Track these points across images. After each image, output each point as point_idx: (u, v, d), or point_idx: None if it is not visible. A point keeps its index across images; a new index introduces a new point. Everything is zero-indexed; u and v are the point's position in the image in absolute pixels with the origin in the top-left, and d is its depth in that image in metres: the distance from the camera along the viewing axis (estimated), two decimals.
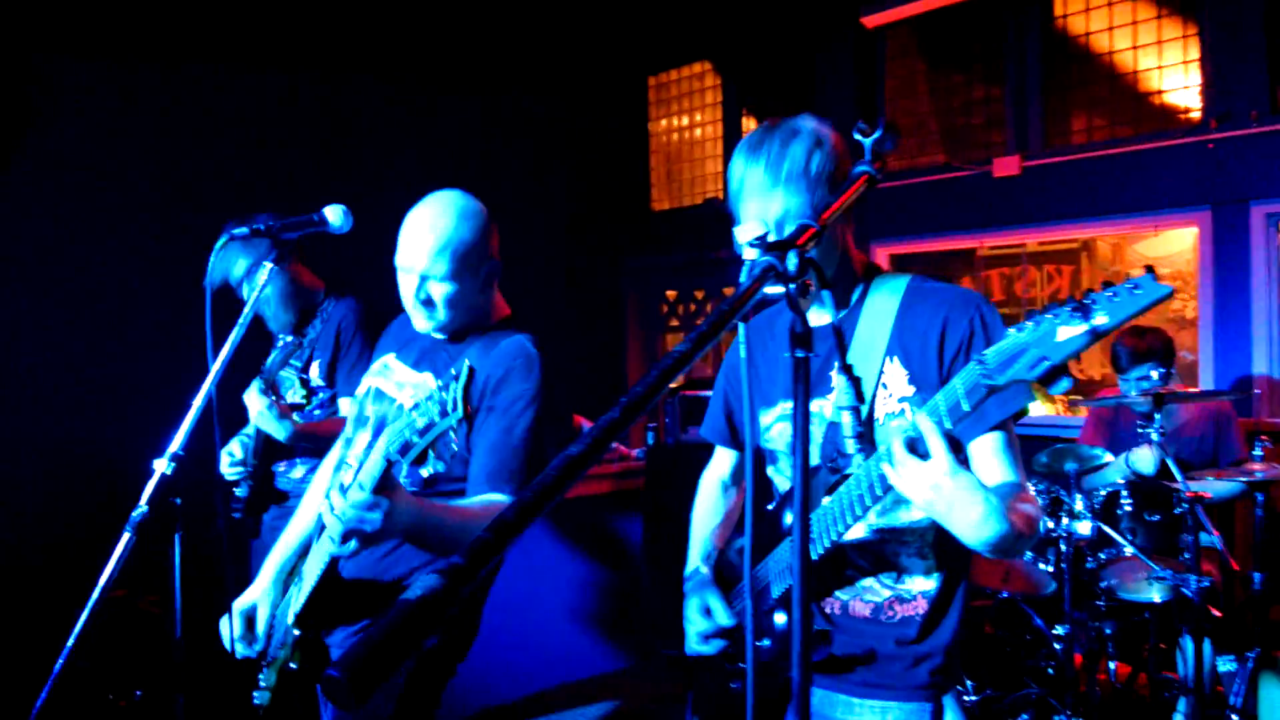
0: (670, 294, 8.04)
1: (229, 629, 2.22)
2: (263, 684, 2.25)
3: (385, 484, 1.76)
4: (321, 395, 3.25)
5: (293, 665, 2.16)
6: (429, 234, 2.09)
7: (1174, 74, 5.29)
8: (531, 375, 2.11)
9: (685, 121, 7.85)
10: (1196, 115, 5.16)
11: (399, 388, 2.26)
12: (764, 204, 1.68)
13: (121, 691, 3.79)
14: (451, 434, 1.89)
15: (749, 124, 7.30)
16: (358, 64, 5.85)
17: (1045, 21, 5.72)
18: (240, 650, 2.25)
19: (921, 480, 1.41)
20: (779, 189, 1.67)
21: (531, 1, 6.40)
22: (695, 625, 1.88)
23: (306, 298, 3.33)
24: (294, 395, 3.26)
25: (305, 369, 3.27)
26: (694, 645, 1.90)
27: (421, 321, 2.18)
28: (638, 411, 0.73)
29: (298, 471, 3.27)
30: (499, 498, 2.01)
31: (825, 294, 1.77)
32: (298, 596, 2.18)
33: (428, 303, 2.13)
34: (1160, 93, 5.37)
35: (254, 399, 2.93)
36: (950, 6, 5.85)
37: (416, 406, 1.81)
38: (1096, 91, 5.60)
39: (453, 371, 1.77)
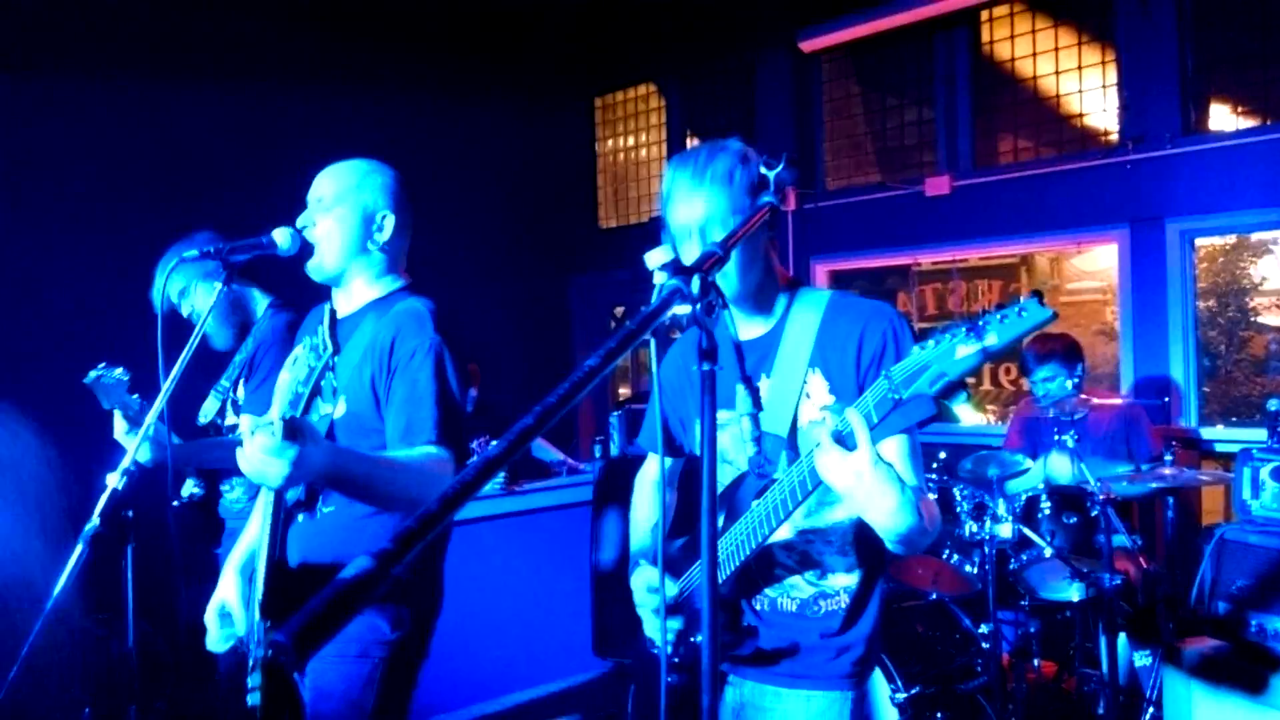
0: (618, 310, 8.16)
1: (209, 632, 2.22)
2: (251, 685, 2.26)
3: (292, 428, 1.71)
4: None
5: (267, 652, 2.17)
6: (328, 169, 2.28)
7: (1093, 97, 5.54)
8: (424, 329, 2.11)
9: (631, 141, 8.00)
10: (1114, 137, 5.42)
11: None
12: (689, 207, 1.82)
13: (69, 710, 3.78)
14: (330, 375, 2.05)
15: (692, 143, 7.46)
16: (307, 80, 5.89)
17: (973, 47, 5.96)
18: (221, 645, 2.24)
19: (846, 468, 1.52)
20: (703, 191, 1.81)
21: (483, 25, 6.50)
22: (647, 604, 1.98)
23: (245, 313, 3.26)
24: (230, 417, 3.14)
25: (235, 388, 3.15)
26: (651, 626, 1.99)
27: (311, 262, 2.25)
28: (549, 419, 0.84)
29: (235, 492, 3.19)
30: (419, 450, 2.02)
31: (752, 309, 1.89)
32: (258, 582, 2.21)
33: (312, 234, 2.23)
34: (1081, 115, 5.62)
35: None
36: (883, 33, 6.06)
37: (296, 360, 1.89)
38: (1021, 114, 5.84)
39: (323, 317, 1.84)
